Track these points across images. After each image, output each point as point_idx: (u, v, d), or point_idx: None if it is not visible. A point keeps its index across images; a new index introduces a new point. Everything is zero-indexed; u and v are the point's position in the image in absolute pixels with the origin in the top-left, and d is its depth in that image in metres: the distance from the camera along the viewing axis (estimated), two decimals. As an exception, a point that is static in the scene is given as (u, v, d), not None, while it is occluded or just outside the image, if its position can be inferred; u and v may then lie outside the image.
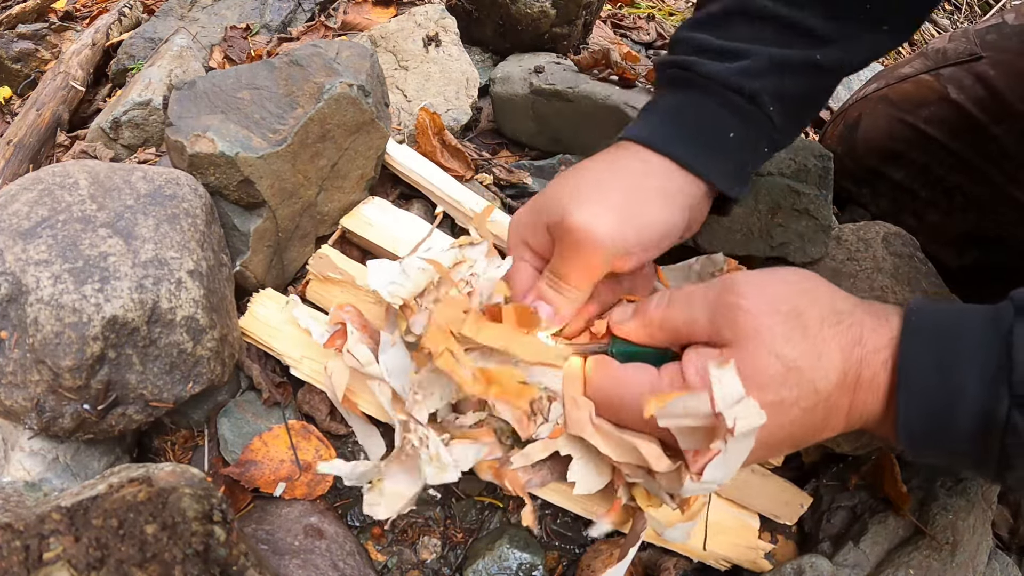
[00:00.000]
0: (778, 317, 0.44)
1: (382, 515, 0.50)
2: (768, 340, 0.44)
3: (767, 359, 0.44)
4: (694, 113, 0.55)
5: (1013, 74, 0.83)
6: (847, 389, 0.45)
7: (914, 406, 0.43)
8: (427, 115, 0.80)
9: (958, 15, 2.34)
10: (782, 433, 0.45)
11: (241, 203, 0.61)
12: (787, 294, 0.46)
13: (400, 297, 0.52)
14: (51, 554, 0.36)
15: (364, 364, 0.53)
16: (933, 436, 0.43)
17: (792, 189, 0.69)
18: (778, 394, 0.44)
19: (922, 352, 0.43)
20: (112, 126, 0.84)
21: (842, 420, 0.46)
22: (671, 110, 0.57)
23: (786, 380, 0.44)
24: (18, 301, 0.48)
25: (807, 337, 0.44)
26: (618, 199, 0.52)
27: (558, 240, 0.53)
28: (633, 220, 0.51)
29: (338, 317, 0.56)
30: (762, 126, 0.56)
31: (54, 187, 0.53)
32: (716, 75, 0.54)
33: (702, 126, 0.55)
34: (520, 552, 0.58)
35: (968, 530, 0.60)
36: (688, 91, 0.56)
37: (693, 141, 0.54)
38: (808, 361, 0.44)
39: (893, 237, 0.73)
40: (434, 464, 0.48)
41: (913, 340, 0.44)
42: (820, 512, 0.65)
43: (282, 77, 0.64)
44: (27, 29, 1.16)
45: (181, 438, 0.61)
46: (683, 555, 0.61)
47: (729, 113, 0.55)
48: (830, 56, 0.56)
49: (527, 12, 0.93)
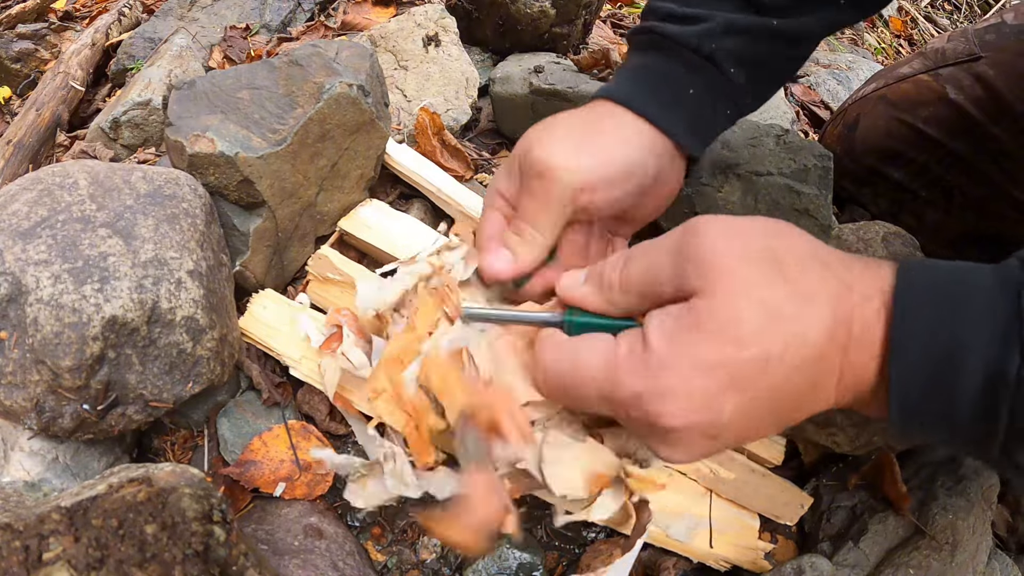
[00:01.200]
0: (751, 258, 0.39)
1: (359, 504, 0.51)
2: (744, 282, 0.38)
3: (745, 305, 0.37)
4: (656, 71, 0.58)
5: (1012, 74, 0.83)
6: (838, 345, 0.39)
7: (910, 365, 0.37)
8: (427, 115, 0.80)
9: (958, 15, 2.34)
10: (767, 401, 0.39)
11: (241, 203, 0.61)
12: (758, 234, 0.40)
13: (373, 309, 0.53)
14: (51, 554, 0.36)
15: (358, 367, 0.53)
16: (931, 399, 0.37)
17: (792, 189, 0.69)
18: (762, 347, 0.37)
19: (921, 304, 0.37)
20: (112, 126, 0.84)
21: (832, 389, 0.40)
22: (636, 69, 0.59)
23: (768, 329, 0.37)
24: (18, 301, 0.48)
25: (788, 280, 0.38)
26: (578, 135, 0.53)
27: (522, 177, 0.53)
28: (592, 151, 0.52)
29: (334, 320, 0.57)
30: (721, 87, 0.58)
31: (54, 187, 0.53)
32: (676, 36, 0.57)
33: (663, 83, 0.57)
34: (520, 552, 0.58)
35: (968, 530, 0.60)
36: (651, 52, 0.59)
37: (654, 96, 0.56)
38: (794, 307, 0.38)
39: (893, 237, 0.73)
40: (396, 478, 0.50)
41: (910, 292, 0.38)
42: (820, 512, 0.65)
43: (282, 77, 0.64)
44: (27, 29, 1.16)
45: (181, 438, 0.61)
46: (683, 555, 0.61)
47: (687, 71, 0.57)
48: (787, 25, 0.58)
49: (527, 12, 0.93)
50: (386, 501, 0.51)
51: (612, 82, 0.60)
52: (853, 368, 0.39)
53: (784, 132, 0.74)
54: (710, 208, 0.70)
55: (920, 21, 2.16)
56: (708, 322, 0.38)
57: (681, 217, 0.71)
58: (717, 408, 0.39)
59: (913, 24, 2.14)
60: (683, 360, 0.39)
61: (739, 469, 0.63)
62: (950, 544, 0.59)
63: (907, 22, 2.13)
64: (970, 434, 0.38)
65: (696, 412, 0.39)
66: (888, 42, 1.99)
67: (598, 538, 0.62)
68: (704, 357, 0.38)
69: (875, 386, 0.40)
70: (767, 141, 0.73)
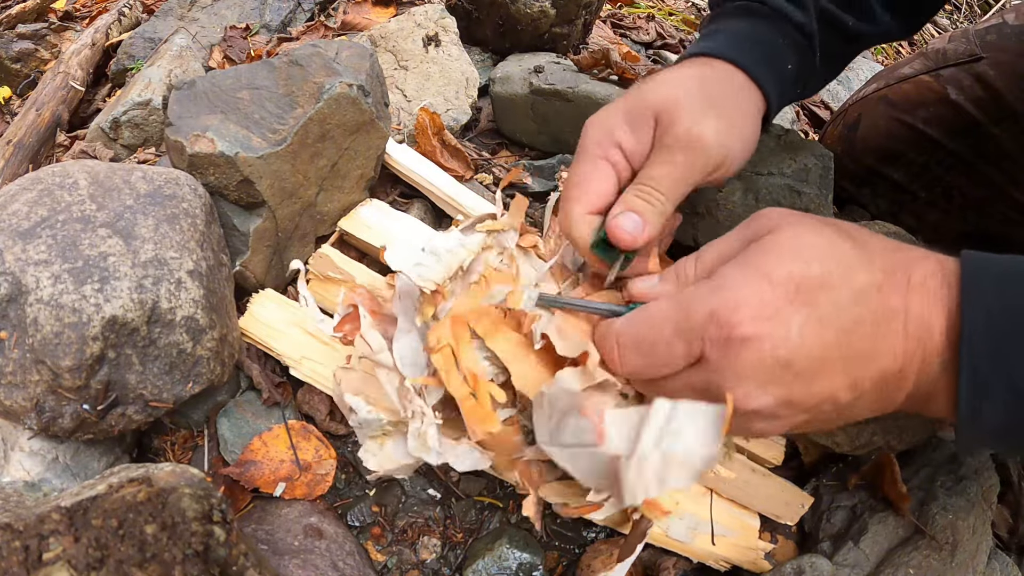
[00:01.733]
0: (819, 219, 0.43)
1: (371, 465, 0.49)
2: (808, 223, 0.42)
3: (808, 233, 0.42)
4: (763, 39, 0.59)
5: (1013, 75, 0.83)
6: (897, 285, 0.41)
7: (981, 329, 0.38)
8: (427, 115, 0.80)
9: (958, 15, 2.34)
10: (834, 325, 0.39)
11: (241, 203, 0.61)
12: (822, 217, 0.45)
13: (432, 280, 0.49)
14: (51, 554, 0.36)
15: (376, 351, 0.51)
16: (1005, 366, 0.37)
17: (793, 189, 0.69)
18: (824, 266, 0.40)
19: (985, 281, 0.39)
20: (112, 126, 0.84)
21: (898, 337, 0.40)
22: (742, 34, 0.59)
23: (829, 255, 0.41)
24: (18, 301, 0.48)
25: (845, 231, 0.42)
26: (724, 110, 0.52)
27: (662, 142, 0.51)
28: (734, 131, 0.53)
29: (350, 299, 0.55)
30: (810, 68, 0.62)
31: (54, 187, 0.53)
32: (784, 10, 0.59)
33: (770, 51, 0.58)
34: (520, 552, 0.58)
35: (968, 530, 0.60)
36: (756, 19, 0.60)
37: (765, 63, 0.57)
38: (851, 244, 0.41)
39: (893, 237, 0.73)
40: (419, 440, 0.47)
41: (974, 269, 0.40)
42: (820, 512, 0.65)
43: (282, 77, 0.64)
44: (27, 29, 1.16)
45: (181, 438, 0.61)
46: (683, 555, 0.61)
47: (790, 45, 0.59)
48: (859, 25, 0.63)
49: (527, 12, 0.93)
50: (400, 469, 0.49)
51: (717, 41, 0.58)
52: (917, 319, 0.40)
53: (784, 132, 0.74)
54: (710, 207, 0.70)
55: (920, 21, 2.15)
56: (774, 246, 0.42)
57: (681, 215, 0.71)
58: (786, 319, 0.39)
59: (913, 24, 2.14)
60: (750, 274, 0.41)
61: (739, 469, 0.63)
62: (950, 544, 0.59)
63: (907, 22, 2.13)
64: None
65: (768, 320, 0.39)
66: (888, 42, 1.98)
67: (598, 538, 0.62)
68: (770, 271, 0.40)
69: (943, 361, 0.40)
70: (767, 141, 0.73)
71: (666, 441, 0.38)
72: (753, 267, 0.41)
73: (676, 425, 0.38)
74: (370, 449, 0.50)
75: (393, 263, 0.50)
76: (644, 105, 0.52)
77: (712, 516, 0.61)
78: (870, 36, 0.66)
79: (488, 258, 0.54)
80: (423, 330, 0.52)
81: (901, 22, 0.66)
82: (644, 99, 0.52)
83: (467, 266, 0.52)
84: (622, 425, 0.41)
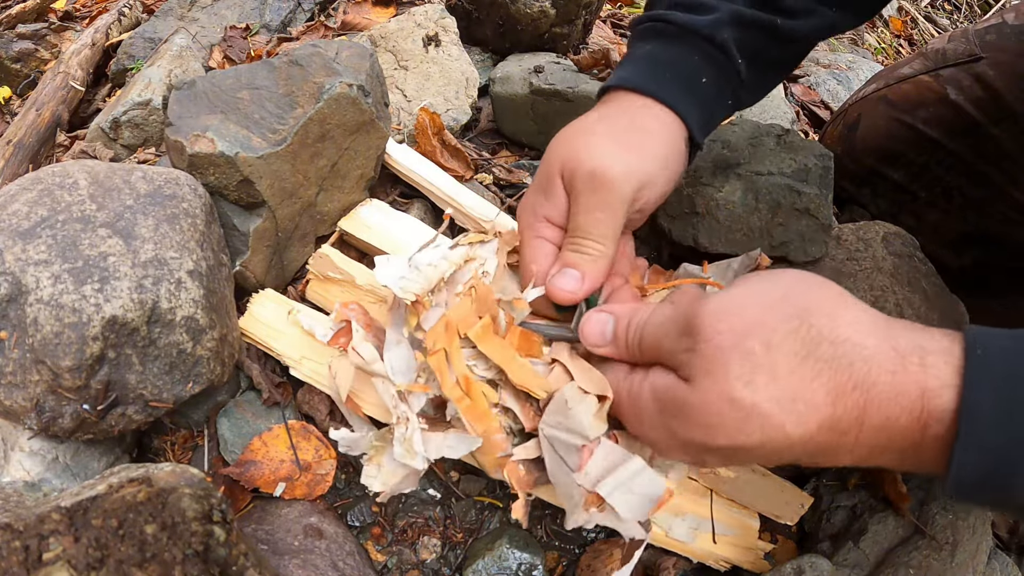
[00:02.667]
0: (737, 355, 0.38)
1: (377, 488, 0.50)
2: (720, 382, 0.38)
3: (718, 404, 0.39)
4: (671, 59, 0.57)
5: (1012, 75, 0.83)
6: (842, 432, 0.38)
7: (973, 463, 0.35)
8: (427, 115, 0.80)
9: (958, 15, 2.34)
10: (751, 461, 0.42)
11: (241, 203, 0.61)
12: (765, 323, 0.39)
13: (412, 292, 0.51)
14: (51, 554, 0.36)
15: (369, 362, 0.52)
16: (991, 490, 0.36)
17: (793, 189, 0.69)
18: (732, 439, 0.39)
19: (990, 404, 0.35)
20: (112, 126, 0.84)
21: (846, 458, 0.40)
22: (649, 57, 0.58)
23: (742, 426, 0.38)
24: (18, 301, 0.48)
25: (776, 379, 0.38)
26: (623, 136, 0.52)
27: (574, 192, 0.51)
28: (640, 152, 0.52)
29: (343, 315, 0.56)
30: (730, 77, 0.59)
31: (54, 187, 0.53)
32: (690, 24, 0.57)
33: (680, 70, 0.57)
34: (520, 552, 0.58)
35: (968, 530, 0.60)
36: (662, 40, 0.58)
37: (675, 83, 0.56)
38: (774, 406, 0.38)
39: (893, 237, 0.73)
40: (404, 447, 0.49)
41: (979, 392, 0.35)
42: (820, 512, 0.65)
43: (282, 77, 0.64)
44: (27, 29, 1.16)
45: (181, 438, 0.61)
46: (683, 555, 0.61)
47: (701, 59, 0.57)
48: (789, 24, 0.59)
49: (527, 12, 0.93)
50: (405, 481, 0.51)
51: (625, 71, 0.58)
52: (869, 447, 0.39)
53: (784, 132, 0.74)
54: (710, 208, 0.70)
55: (920, 21, 2.16)
56: (686, 411, 0.41)
57: (681, 215, 0.71)
58: (700, 460, 0.44)
59: (913, 24, 2.14)
60: (663, 427, 0.43)
61: (739, 469, 0.63)
62: (950, 544, 0.59)
63: (907, 22, 2.13)
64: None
65: (675, 454, 0.45)
66: (888, 42, 1.99)
67: (598, 538, 0.62)
68: (679, 433, 0.42)
69: (927, 464, 0.38)
70: (767, 141, 0.73)
71: (618, 492, 0.46)
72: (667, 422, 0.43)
73: (635, 484, 0.46)
74: (370, 473, 0.51)
75: (380, 278, 0.52)
76: (548, 170, 0.53)
77: (712, 517, 0.61)
78: (811, 32, 0.62)
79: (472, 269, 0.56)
80: (412, 340, 0.54)
81: (847, 11, 0.62)
82: (547, 164, 0.53)
83: (448, 278, 0.54)
84: (604, 459, 0.47)
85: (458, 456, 0.50)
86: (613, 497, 0.46)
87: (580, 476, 0.47)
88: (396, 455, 0.49)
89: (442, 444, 0.49)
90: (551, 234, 0.54)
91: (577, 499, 0.47)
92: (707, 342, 0.39)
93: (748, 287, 0.42)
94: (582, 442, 0.47)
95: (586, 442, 0.47)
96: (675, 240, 0.72)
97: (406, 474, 0.51)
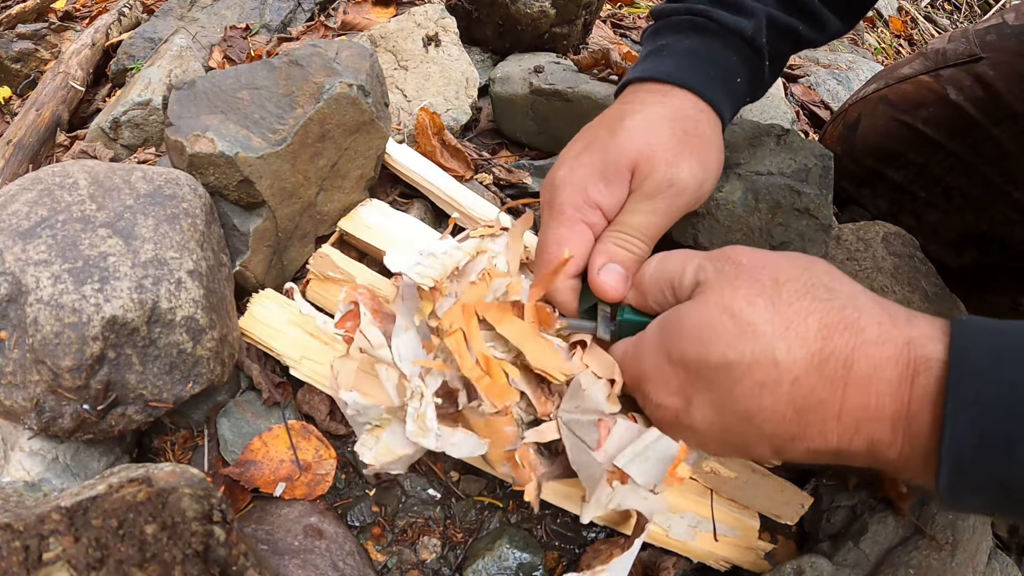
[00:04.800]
0: (749, 280, 0.41)
1: (368, 459, 0.50)
2: (727, 296, 0.41)
3: (718, 314, 0.40)
4: (716, 59, 0.58)
5: (1012, 75, 0.83)
6: (828, 378, 0.38)
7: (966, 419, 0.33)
8: (427, 115, 0.80)
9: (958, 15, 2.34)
10: (739, 410, 0.40)
11: (241, 203, 0.61)
12: (778, 265, 0.42)
13: (430, 278, 0.50)
14: (51, 554, 0.36)
15: (375, 346, 0.52)
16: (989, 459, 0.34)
17: (793, 188, 0.69)
18: (723, 355, 0.40)
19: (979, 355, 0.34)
20: (112, 126, 0.84)
21: (832, 424, 0.39)
22: (695, 54, 0.58)
23: (735, 340, 0.39)
24: (18, 301, 0.48)
25: (775, 305, 0.40)
26: (695, 147, 0.53)
27: (642, 192, 0.51)
28: (708, 165, 0.53)
29: (351, 297, 0.55)
30: (757, 78, 0.61)
31: (54, 187, 0.53)
32: (734, 26, 0.58)
33: (723, 71, 0.58)
34: (520, 552, 0.58)
35: (968, 530, 0.60)
36: (707, 37, 0.58)
37: (721, 86, 0.57)
38: (769, 327, 0.39)
39: (893, 237, 0.74)
40: (417, 422, 0.48)
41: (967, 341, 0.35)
42: (820, 512, 0.65)
43: (282, 77, 0.64)
44: (27, 29, 1.16)
45: (181, 438, 0.61)
46: (683, 555, 0.61)
47: (739, 61, 0.58)
48: (808, 31, 0.62)
49: (527, 12, 0.93)
50: (397, 462, 0.51)
51: (672, 64, 0.57)
52: (861, 411, 0.38)
53: (784, 132, 0.74)
54: (710, 208, 0.70)
55: (920, 21, 2.16)
56: (685, 324, 0.43)
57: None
58: (685, 397, 0.43)
59: (913, 24, 2.14)
60: (661, 350, 0.45)
61: (739, 469, 0.63)
62: (950, 544, 0.59)
63: (907, 22, 2.13)
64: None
65: (668, 396, 0.45)
66: (888, 42, 1.99)
67: (598, 538, 0.62)
68: (674, 352, 0.43)
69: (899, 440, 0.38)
70: (767, 141, 0.73)
71: (636, 462, 0.47)
72: (663, 345, 0.45)
73: (650, 451, 0.47)
74: (366, 443, 0.51)
75: (393, 266, 0.51)
76: (622, 160, 0.51)
77: (712, 516, 0.61)
78: (819, 40, 0.65)
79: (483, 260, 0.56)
80: (422, 328, 0.53)
81: (844, 22, 0.66)
82: (621, 153, 0.52)
83: (463, 267, 0.53)
84: (621, 436, 0.48)
85: (460, 456, 0.50)
86: (631, 467, 0.46)
87: (599, 453, 0.47)
88: (408, 433, 0.48)
89: (448, 440, 0.49)
90: (596, 220, 0.52)
91: (599, 478, 0.48)
92: (731, 264, 0.43)
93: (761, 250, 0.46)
94: (598, 416, 0.48)
95: (603, 416, 0.48)
96: (675, 240, 0.72)
97: (399, 456, 0.51)
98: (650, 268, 0.49)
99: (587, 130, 0.57)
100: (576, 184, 0.52)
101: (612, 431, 0.48)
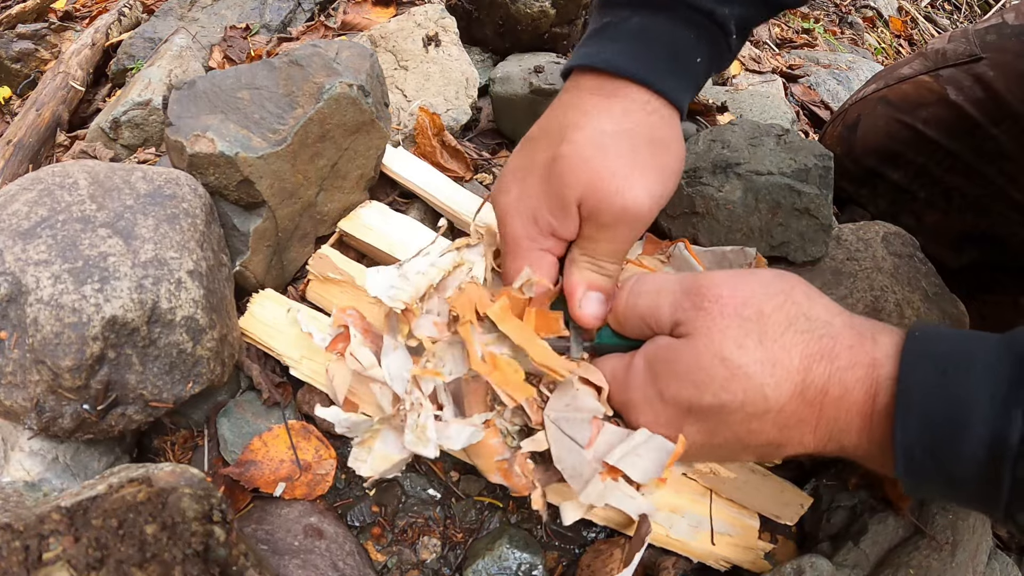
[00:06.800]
0: (736, 320, 0.43)
1: (364, 472, 0.51)
2: (717, 341, 0.43)
3: (710, 360, 0.43)
4: (669, 38, 0.53)
5: (1012, 75, 0.83)
6: (808, 403, 0.43)
7: (915, 427, 0.39)
8: (427, 115, 0.80)
9: (958, 15, 2.34)
10: (731, 435, 0.44)
11: (241, 203, 0.61)
12: (758, 296, 0.44)
13: (401, 301, 0.52)
14: (51, 554, 0.36)
15: (366, 367, 0.53)
16: (936, 460, 0.39)
17: (792, 189, 0.69)
18: (717, 397, 0.43)
19: (925, 371, 0.39)
20: (112, 126, 0.84)
21: (809, 436, 0.44)
22: (643, 35, 0.53)
23: (727, 383, 0.42)
24: (18, 301, 0.48)
25: (763, 343, 0.42)
26: (642, 154, 0.50)
27: (598, 222, 0.50)
28: (665, 175, 0.52)
29: (341, 320, 0.57)
30: (719, 53, 0.57)
31: (54, 187, 0.53)
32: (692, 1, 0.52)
33: (677, 52, 0.53)
34: (520, 552, 0.58)
35: (968, 530, 0.60)
36: (654, 13, 0.53)
37: (678, 74, 0.53)
38: (759, 368, 0.42)
39: (893, 237, 0.74)
40: (416, 433, 0.49)
41: (915, 359, 0.40)
42: (820, 512, 0.65)
43: (282, 77, 0.64)
44: (27, 29, 1.16)
45: (181, 438, 0.61)
46: (683, 555, 0.61)
47: (697, 38, 0.54)
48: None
49: (527, 12, 0.93)
50: (393, 467, 0.51)
51: (620, 49, 0.52)
52: (832, 423, 0.43)
53: (784, 132, 0.74)
54: (710, 208, 0.70)
55: (920, 21, 2.16)
56: (677, 368, 0.44)
57: (681, 215, 0.71)
58: (676, 427, 0.46)
59: (913, 24, 2.14)
60: (652, 388, 0.46)
61: (739, 469, 0.63)
62: (950, 544, 0.59)
63: (907, 22, 2.13)
64: (975, 495, 0.40)
65: (658, 426, 0.47)
66: (888, 42, 1.99)
67: (598, 538, 0.62)
68: (667, 392, 0.45)
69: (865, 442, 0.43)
70: (767, 141, 0.73)
71: (628, 459, 0.47)
72: (656, 381, 0.46)
73: (642, 450, 0.47)
74: (359, 456, 0.53)
75: (370, 290, 0.54)
76: (566, 194, 0.50)
77: (712, 516, 0.61)
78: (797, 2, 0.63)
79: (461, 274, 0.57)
80: (408, 346, 0.55)
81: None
82: (564, 185, 0.49)
83: (437, 284, 0.55)
84: (610, 438, 0.48)
85: (459, 447, 0.50)
86: (624, 463, 0.47)
87: (589, 452, 0.48)
88: (407, 442, 0.49)
89: (443, 434, 0.50)
90: (553, 244, 0.52)
91: (587, 475, 0.48)
92: (712, 302, 0.44)
93: (740, 272, 0.47)
94: (592, 415, 0.48)
95: (596, 415, 0.49)
96: (675, 238, 0.72)
97: (394, 462, 0.52)
98: (624, 297, 0.49)
99: (528, 144, 0.54)
100: (525, 214, 0.52)
101: (601, 432, 0.48)
